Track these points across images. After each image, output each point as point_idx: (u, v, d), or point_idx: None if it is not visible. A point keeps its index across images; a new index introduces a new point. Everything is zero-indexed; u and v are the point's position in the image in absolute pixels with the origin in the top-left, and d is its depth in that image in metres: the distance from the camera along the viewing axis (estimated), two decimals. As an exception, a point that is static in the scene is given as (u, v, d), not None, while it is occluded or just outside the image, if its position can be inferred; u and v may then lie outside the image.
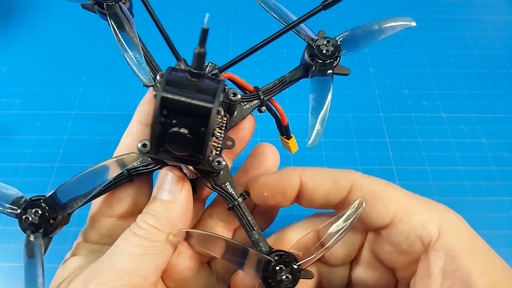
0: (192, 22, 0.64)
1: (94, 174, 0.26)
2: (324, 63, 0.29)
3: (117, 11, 0.29)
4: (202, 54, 0.23)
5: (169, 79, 0.23)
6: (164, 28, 0.28)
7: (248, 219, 0.29)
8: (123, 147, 0.30)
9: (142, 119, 0.30)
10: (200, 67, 0.23)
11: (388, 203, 0.28)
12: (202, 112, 0.23)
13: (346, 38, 0.30)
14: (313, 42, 0.29)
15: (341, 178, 0.30)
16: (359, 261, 0.32)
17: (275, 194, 0.30)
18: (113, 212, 0.30)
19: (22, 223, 0.26)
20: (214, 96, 0.23)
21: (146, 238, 0.26)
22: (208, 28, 0.22)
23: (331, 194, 0.30)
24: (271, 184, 0.30)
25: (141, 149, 0.27)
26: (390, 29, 0.31)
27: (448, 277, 0.26)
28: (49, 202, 0.26)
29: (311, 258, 0.27)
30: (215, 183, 0.29)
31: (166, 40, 0.28)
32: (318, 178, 0.30)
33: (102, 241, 0.30)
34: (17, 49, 0.61)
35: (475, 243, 0.27)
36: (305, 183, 0.30)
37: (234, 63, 0.26)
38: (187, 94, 0.23)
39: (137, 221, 0.27)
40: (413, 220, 0.28)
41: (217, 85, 0.23)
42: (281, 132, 0.35)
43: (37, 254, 0.25)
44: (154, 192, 0.28)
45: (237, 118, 0.30)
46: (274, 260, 0.27)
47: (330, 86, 0.29)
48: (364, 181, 0.29)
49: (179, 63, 0.28)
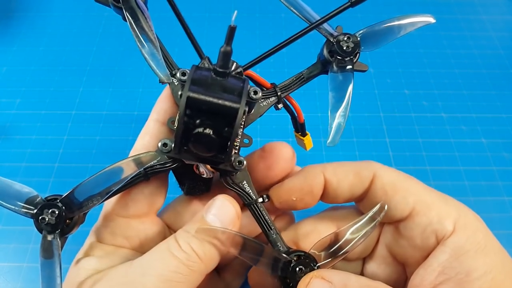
0: (193, 21, 0.64)
1: (111, 173, 0.26)
2: (343, 59, 0.28)
3: (133, 5, 0.28)
4: (229, 52, 0.22)
5: (194, 78, 0.23)
6: (188, 26, 0.27)
7: (266, 218, 0.28)
8: (140, 146, 0.29)
9: (160, 117, 0.29)
10: (226, 66, 0.23)
11: (407, 195, 0.28)
12: (228, 112, 0.22)
13: (365, 34, 0.29)
14: (333, 38, 0.29)
15: (363, 169, 0.29)
16: (373, 256, 0.32)
17: (303, 197, 0.30)
18: (128, 212, 0.29)
19: (38, 223, 0.25)
20: (240, 96, 0.22)
21: (185, 264, 0.25)
22: (235, 25, 0.21)
23: (354, 187, 0.30)
24: (298, 188, 0.30)
25: (162, 149, 0.26)
26: (410, 26, 0.30)
27: (445, 272, 0.26)
28: (66, 201, 0.26)
29: (331, 260, 0.26)
30: (232, 181, 0.28)
31: (190, 38, 0.27)
32: (340, 172, 0.30)
33: (116, 242, 0.29)
34: (17, 49, 0.61)
35: (487, 243, 0.26)
36: (329, 179, 0.30)
37: (259, 61, 0.26)
38: (213, 94, 0.22)
39: (179, 240, 0.25)
40: (430, 213, 0.27)
41: (243, 85, 0.23)
42: (296, 129, 0.35)
43: (55, 254, 0.25)
44: (204, 215, 0.27)
45: (254, 116, 0.29)
46: (294, 260, 0.26)
47: (350, 83, 0.29)
48: (385, 172, 0.29)
49: (203, 61, 0.27)
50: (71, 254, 0.29)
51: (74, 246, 0.30)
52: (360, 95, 0.56)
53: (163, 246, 0.26)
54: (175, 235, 0.26)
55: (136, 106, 0.54)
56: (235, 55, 0.25)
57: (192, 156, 0.25)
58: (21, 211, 0.26)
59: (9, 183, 0.27)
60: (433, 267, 0.26)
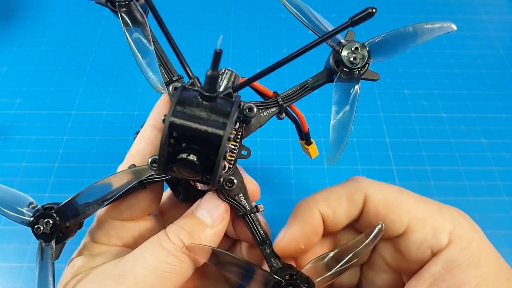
0: (193, 21, 0.64)
1: (108, 185, 0.26)
2: (350, 71, 0.27)
3: (131, 10, 0.27)
4: (215, 76, 0.21)
5: (180, 99, 0.22)
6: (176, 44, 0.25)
7: (260, 233, 0.28)
8: (136, 152, 0.29)
9: (156, 123, 0.29)
10: (213, 90, 0.22)
11: (401, 213, 0.28)
12: (212, 139, 0.21)
13: (376, 43, 0.27)
14: (339, 47, 0.27)
15: (354, 192, 0.29)
16: (370, 264, 0.32)
17: (310, 241, 0.29)
18: (122, 216, 0.30)
19: (35, 232, 0.26)
20: (225, 122, 0.21)
21: (173, 254, 0.25)
22: (221, 50, 0.21)
23: (350, 213, 0.29)
24: (302, 235, 0.29)
25: (151, 166, 0.26)
26: (428, 34, 0.28)
27: (436, 284, 0.26)
28: (61, 211, 0.26)
29: (325, 278, 0.26)
30: (228, 195, 0.28)
31: (178, 58, 0.26)
32: (333, 202, 0.29)
33: (110, 242, 0.30)
34: (17, 49, 0.61)
35: (481, 255, 0.26)
36: (325, 214, 0.29)
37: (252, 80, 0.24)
38: (197, 119, 0.21)
39: (168, 233, 0.26)
40: (425, 229, 0.27)
41: (230, 108, 0.22)
42: (301, 137, 0.34)
43: (47, 262, 0.26)
44: (194, 210, 0.28)
45: (254, 126, 0.28)
46: (285, 280, 0.26)
47: (355, 96, 0.27)
48: (376, 190, 0.29)
49: (191, 80, 0.26)
50: (68, 255, 0.29)
51: (72, 246, 0.30)
52: (360, 95, 0.55)
53: (153, 239, 0.26)
54: (165, 229, 0.27)
55: (136, 106, 0.54)
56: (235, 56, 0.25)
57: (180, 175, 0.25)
58: (18, 219, 0.26)
59: (7, 190, 0.27)
60: (424, 279, 0.26)
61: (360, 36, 0.27)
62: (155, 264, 0.25)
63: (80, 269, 0.27)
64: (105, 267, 0.26)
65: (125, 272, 0.25)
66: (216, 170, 0.22)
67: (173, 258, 0.25)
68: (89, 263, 0.28)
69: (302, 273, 0.26)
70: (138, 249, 0.26)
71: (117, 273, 0.25)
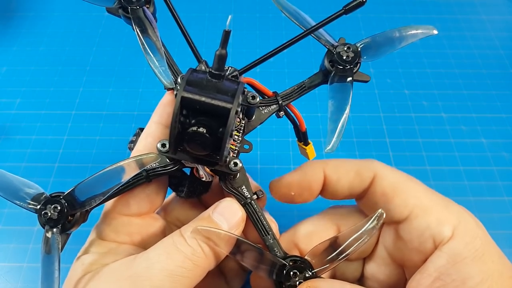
0: (193, 21, 0.64)
1: (112, 173, 0.26)
2: (344, 69, 0.29)
3: (141, 15, 0.29)
4: (223, 56, 0.23)
5: (189, 79, 0.24)
6: (187, 31, 0.29)
7: (263, 223, 0.28)
8: (142, 148, 0.30)
9: (162, 120, 0.30)
10: (221, 68, 0.24)
11: (407, 198, 0.28)
12: (221, 112, 0.23)
13: (367, 44, 0.30)
14: (333, 48, 0.29)
15: (364, 168, 0.30)
16: (373, 257, 0.32)
17: (302, 192, 0.30)
18: (130, 211, 0.30)
19: (41, 218, 0.26)
20: (233, 97, 0.23)
21: (190, 259, 0.25)
22: (230, 30, 0.23)
23: (354, 185, 0.30)
24: (297, 182, 0.30)
25: (160, 149, 0.27)
26: (412, 37, 0.30)
27: (441, 278, 0.26)
28: (68, 198, 0.26)
29: (327, 267, 0.26)
30: (231, 185, 0.29)
31: (188, 42, 0.28)
32: (341, 170, 0.30)
33: (119, 239, 0.29)
34: (17, 49, 0.61)
35: (485, 251, 0.26)
36: (329, 176, 0.30)
37: (254, 66, 0.27)
38: (206, 94, 0.23)
39: (185, 235, 0.26)
40: (429, 217, 0.27)
41: (237, 87, 0.24)
42: (298, 138, 0.35)
43: (54, 249, 0.25)
44: (210, 213, 0.27)
45: (255, 122, 0.30)
46: (289, 265, 0.26)
47: (349, 93, 0.29)
48: (386, 173, 0.29)
49: (200, 64, 0.28)
50: (73, 253, 0.29)
51: (75, 246, 0.30)
52: (360, 95, 0.56)
53: (168, 241, 0.26)
54: (180, 230, 0.26)
55: (136, 106, 0.55)
56: (235, 56, 0.25)
57: (188, 155, 0.26)
58: (28, 206, 0.26)
59: (16, 179, 0.27)
60: (429, 272, 0.26)
61: (360, 36, 0.28)
62: (170, 268, 0.24)
63: (91, 266, 0.27)
64: (118, 265, 0.26)
65: (140, 274, 0.24)
66: (224, 141, 0.23)
67: (189, 263, 0.25)
68: (99, 260, 0.27)
69: (305, 259, 0.27)
70: (152, 249, 0.26)
71: (132, 274, 0.25)
